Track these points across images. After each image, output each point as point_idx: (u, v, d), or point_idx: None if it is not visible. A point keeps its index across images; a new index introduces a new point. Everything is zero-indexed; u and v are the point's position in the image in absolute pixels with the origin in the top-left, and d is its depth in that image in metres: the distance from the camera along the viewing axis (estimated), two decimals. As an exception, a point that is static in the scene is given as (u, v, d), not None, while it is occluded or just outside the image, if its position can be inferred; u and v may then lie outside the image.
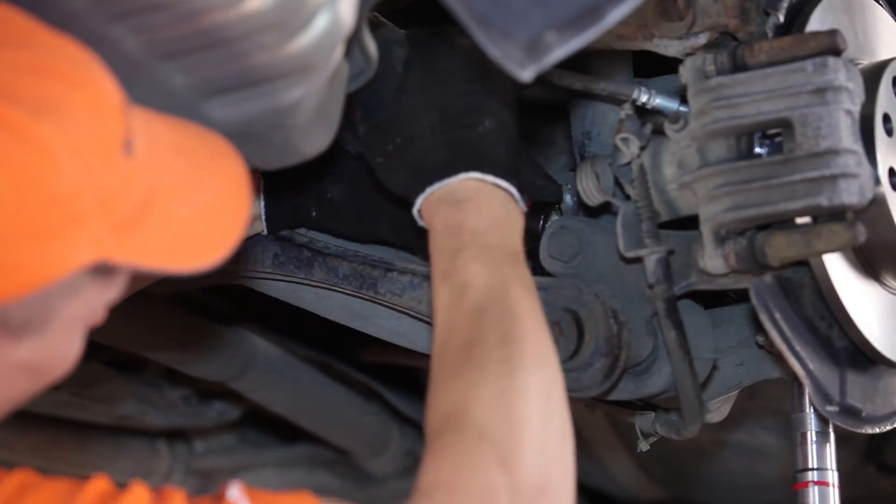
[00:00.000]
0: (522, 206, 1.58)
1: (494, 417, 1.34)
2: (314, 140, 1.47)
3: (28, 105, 1.15)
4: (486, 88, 1.59)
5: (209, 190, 1.29)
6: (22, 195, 1.13)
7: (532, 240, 1.91)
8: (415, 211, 1.56)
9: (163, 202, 1.24)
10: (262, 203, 1.85)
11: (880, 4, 1.83)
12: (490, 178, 1.53)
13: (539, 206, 1.91)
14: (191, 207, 1.27)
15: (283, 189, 1.84)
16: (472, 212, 1.51)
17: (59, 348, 1.25)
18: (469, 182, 1.53)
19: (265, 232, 1.87)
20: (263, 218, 1.85)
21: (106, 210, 1.18)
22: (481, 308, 1.42)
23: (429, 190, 1.54)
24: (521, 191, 1.58)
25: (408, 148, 1.58)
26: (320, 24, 1.31)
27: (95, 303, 1.26)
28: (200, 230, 1.27)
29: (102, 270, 1.22)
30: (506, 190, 1.55)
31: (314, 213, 1.84)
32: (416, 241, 1.74)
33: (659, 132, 1.69)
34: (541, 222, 1.89)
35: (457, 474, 1.31)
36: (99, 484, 1.24)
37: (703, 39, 1.65)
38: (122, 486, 1.25)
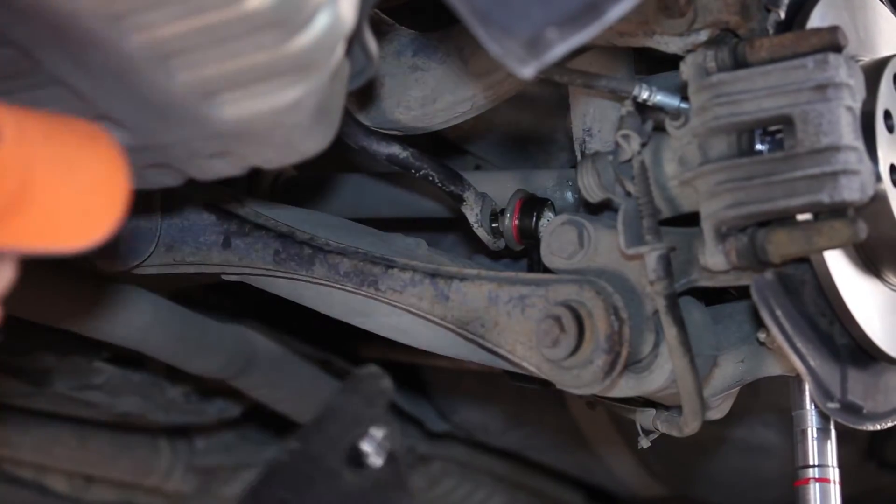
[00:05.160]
0: None
1: None
2: (315, 139, 1.47)
3: None
4: None
5: (86, 171, 1.31)
6: None
7: (526, 237, 1.91)
8: None
9: (40, 187, 1.25)
10: None
11: (881, 1, 1.83)
12: None
13: (532, 204, 1.92)
14: (69, 189, 1.28)
15: None
16: None
17: None
18: None
19: None
20: None
21: None
22: None
23: None
24: None
25: None
26: (321, 22, 1.31)
27: None
28: (81, 210, 1.29)
29: None
30: None
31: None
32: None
33: (660, 129, 1.69)
34: (534, 219, 1.90)
35: None
36: None
37: (703, 36, 1.65)
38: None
